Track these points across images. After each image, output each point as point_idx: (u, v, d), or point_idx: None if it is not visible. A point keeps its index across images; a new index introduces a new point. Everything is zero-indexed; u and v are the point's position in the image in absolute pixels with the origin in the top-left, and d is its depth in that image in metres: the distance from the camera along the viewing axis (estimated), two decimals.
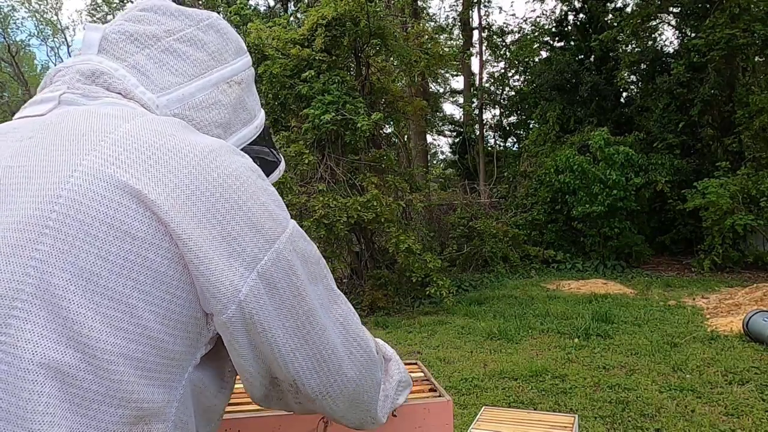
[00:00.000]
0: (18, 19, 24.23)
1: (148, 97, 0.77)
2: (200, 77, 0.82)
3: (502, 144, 21.59)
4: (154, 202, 0.63)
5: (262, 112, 0.93)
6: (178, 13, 0.84)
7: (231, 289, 0.66)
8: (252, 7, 13.82)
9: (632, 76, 16.30)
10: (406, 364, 1.66)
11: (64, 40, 26.11)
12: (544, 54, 18.29)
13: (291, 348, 0.73)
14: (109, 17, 23.47)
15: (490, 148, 20.23)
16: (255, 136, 0.89)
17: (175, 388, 0.67)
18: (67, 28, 29.99)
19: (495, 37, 21.12)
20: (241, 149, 0.84)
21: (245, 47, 0.91)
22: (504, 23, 29.19)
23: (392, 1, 11.67)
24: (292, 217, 0.75)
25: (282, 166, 0.96)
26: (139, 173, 0.64)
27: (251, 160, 0.74)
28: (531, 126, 17.21)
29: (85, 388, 0.59)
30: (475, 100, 19.76)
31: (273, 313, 0.70)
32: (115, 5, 22.31)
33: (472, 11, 19.82)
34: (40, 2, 24.57)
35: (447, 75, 23.51)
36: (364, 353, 0.83)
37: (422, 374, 1.58)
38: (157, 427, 0.65)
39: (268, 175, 0.82)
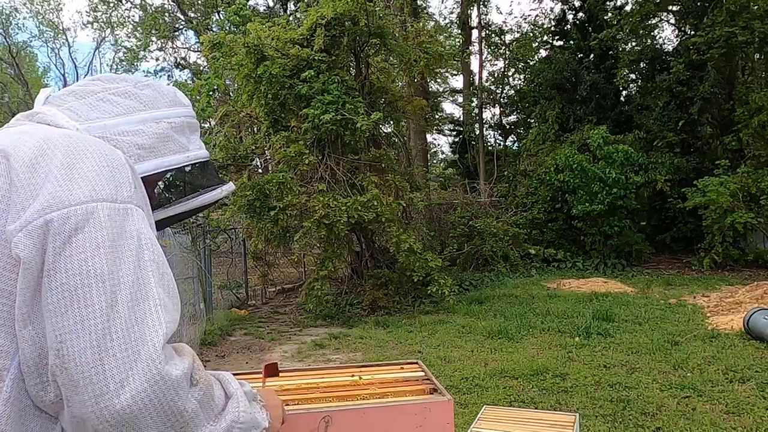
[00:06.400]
0: (19, 20, 24.15)
1: (70, 124, 0.97)
2: (125, 115, 1.02)
3: (502, 143, 21.61)
4: None
5: (203, 152, 1.13)
6: (120, 79, 1.06)
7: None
8: (251, 7, 13.82)
9: (632, 75, 16.30)
10: (407, 363, 1.65)
11: (65, 40, 26.11)
12: (543, 53, 18.32)
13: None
14: (110, 17, 23.47)
15: (490, 147, 20.24)
16: (186, 164, 1.09)
17: (13, 340, 0.81)
18: (68, 29, 30.00)
19: (494, 36, 21.12)
20: (188, 169, 1.10)
21: (186, 103, 1.14)
22: (503, 22, 29.17)
23: (391, 1, 11.66)
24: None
25: (226, 187, 1.17)
26: None
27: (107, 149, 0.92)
28: (531, 125, 17.21)
29: None
30: (474, 99, 19.76)
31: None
32: (113, 5, 22.31)
33: (471, 10, 19.81)
34: (41, 3, 24.55)
35: (447, 74, 23.47)
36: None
37: (423, 374, 1.58)
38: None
39: (206, 193, 1.12)
